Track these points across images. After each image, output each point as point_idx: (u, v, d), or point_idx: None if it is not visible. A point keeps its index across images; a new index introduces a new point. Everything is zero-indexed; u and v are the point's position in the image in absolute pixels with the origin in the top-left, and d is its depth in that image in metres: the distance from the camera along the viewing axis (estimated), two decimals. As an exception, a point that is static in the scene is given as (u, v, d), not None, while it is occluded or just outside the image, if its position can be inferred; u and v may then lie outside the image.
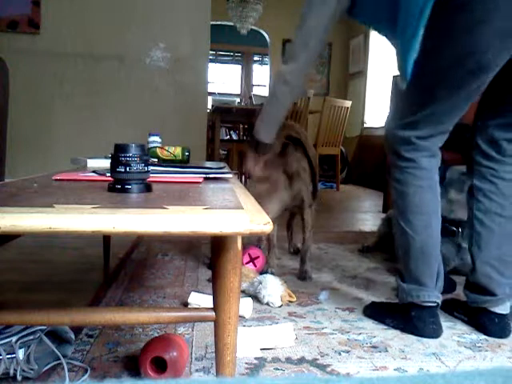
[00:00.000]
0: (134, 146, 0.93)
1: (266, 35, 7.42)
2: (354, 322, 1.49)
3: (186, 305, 1.52)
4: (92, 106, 3.63)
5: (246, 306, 1.48)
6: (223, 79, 8.65)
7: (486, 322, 1.42)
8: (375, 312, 1.53)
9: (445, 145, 1.38)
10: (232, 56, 8.90)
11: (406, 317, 1.41)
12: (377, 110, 6.20)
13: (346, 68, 7.34)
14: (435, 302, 1.39)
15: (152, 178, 1.01)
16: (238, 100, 7.30)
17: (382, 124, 5.64)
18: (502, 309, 1.42)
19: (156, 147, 1.80)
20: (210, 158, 4.52)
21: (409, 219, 1.37)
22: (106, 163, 1.41)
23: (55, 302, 1.57)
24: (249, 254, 1.98)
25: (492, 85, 1.28)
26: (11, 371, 1.02)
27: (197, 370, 1.13)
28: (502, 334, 1.40)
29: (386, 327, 1.45)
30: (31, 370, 1.03)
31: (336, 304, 1.65)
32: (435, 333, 1.38)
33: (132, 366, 1.13)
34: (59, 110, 3.60)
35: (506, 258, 1.42)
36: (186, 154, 1.75)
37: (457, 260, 2.00)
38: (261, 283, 1.63)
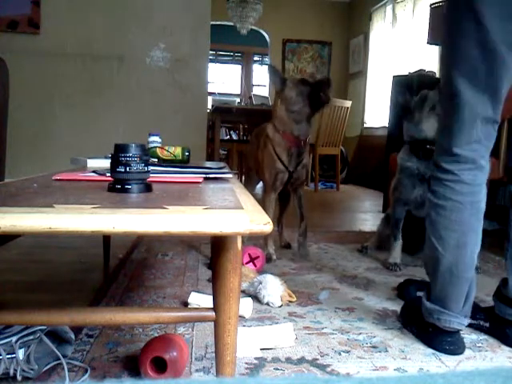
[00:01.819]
0: (134, 145, 0.93)
1: (265, 35, 7.42)
2: (354, 322, 1.49)
3: (186, 305, 1.52)
4: (92, 106, 3.63)
5: (246, 305, 1.48)
6: (223, 79, 8.66)
7: (510, 335, 1.35)
8: (404, 317, 1.48)
9: None
10: (232, 56, 8.90)
11: (425, 330, 1.35)
12: (377, 110, 6.20)
13: (346, 68, 7.35)
14: (456, 329, 1.30)
15: (152, 177, 1.01)
16: (238, 100, 7.30)
17: (382, 124, 5.60)
18: None
19: (156, 147, 1.80)
20: (210, 158, 4.52)
21: (441, 235, 1.27)
22: (106, 163, 1.41)
23: (55, 301, 1.57)
24: (249, 254, 1.98)
25: None
26: (11, 371, 1.02)
27: (197, 370, 1.13)
28: None
29: (386, 327, 1.45)
30: (31, 369, 1.03)
31: (336, 304, 1.65)
32: (453, 352, 1.29)
33: (132, 366, 1.13)
34: (59, 109, 3.60)
35: None
36: (186, 154, 1.75)
37: (417, 191, 2.01)
38: (261, 283, 1.63)
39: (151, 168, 0.98)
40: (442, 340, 1.30)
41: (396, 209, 2.14)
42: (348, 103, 5.45)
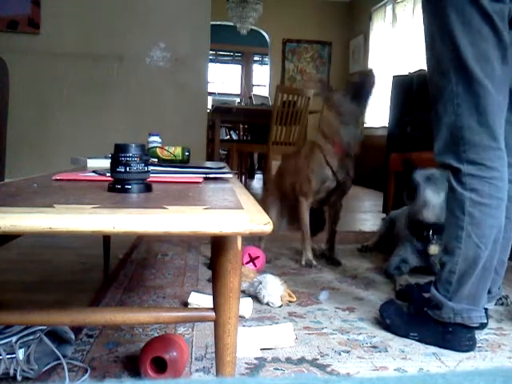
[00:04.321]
0: (134, 146, 0.93)
1: (266, 35, 7.42)
2: (354, 321, 1.49)
3: (186, 305, 1.52)
4: (92, 106, 3.63)
5: (246, 305, 1.48)
6: (223, 79, 8.66)
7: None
8: (398, 323, 1.42)
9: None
10: (232, 56, 8.91)
11: (439, 332, 1.33)
12: (377, 110, 6.20)
13: (346, 68, 7.34)
14: (483, 323, 1.34)
15: (152, 177, 1.01)
16: (238, 100, 7.30)
17: (382, 124, 5.58)
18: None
19: (156, 147, 1.80)
20: (209, 157, 4.52)
21: (484, 233, 1.27)
22: (106, 163, 1.41)
23: (55, 301, 1.57)
24: (249, 254, 1.98)
25: None
26: (11, 371, 1.02)
27: (197, 370, 1.13)
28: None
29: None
30: (31, 369, 1.03)
31: (336, 304, 1.65)
32: (469, 348, 1.32)
33: (132, 366, 1.13)
34: (59, 109, 3.60)
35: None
36: (186, 154, 1.75)
37: (416, 261, 2.00)
38: (261, 283, 1.63)
39: (151, 168, 0.98)
40: (463, 339, 1.31)
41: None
42: (348, 103, 5.44)
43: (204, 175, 1.26)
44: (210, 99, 5.21)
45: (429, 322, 1.35)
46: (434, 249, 1.92)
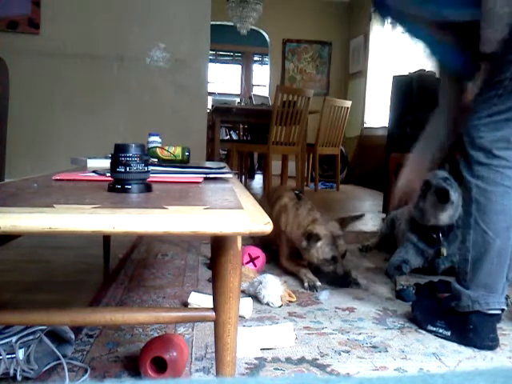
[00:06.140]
0: (134, 146, 0.93)
1: (265, 35, 7.42)
2: (354, 321, 1.49)
3: (186, 305, 1.52)
4: (92, 106, 3.63)
5: (246, 305, 1.48)
6: (223, 79, 8.66)
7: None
8: (426, 310, 1.46)
9: None
10: (232, 56, 8.91)
11: (463, 327, 1.35)
12: (377, 110, 6.20)
13: (346, 68, 7.35)
14: (501, 309, 1.34)
15: (152, 177, 1.01)
16: (238, 100, 7.30)
17: (382, 124, 5.57)
18: None
19: (156, 147, 1.80)
20: (209, 157, 4.52)
21: (491, 220, 1.30)
22: (106, 163, 1.41)
23: (55, 302, 1.57)
24: (249, 254, 1.98)
25: None
26: (11, 371, 1.02)
27: (197, 370, 1.13)
28: None
29: (386, 327, 1.45)
30: (31, 369, 1.03)
31: (336, 304, 1.65)
32: (493, 345, 1.32)
33: (132, 366, 1.13)
34: (59, 109, 3.60)
35: None
36: (186, 154, 1.75)
37: (418, 262, 2.00)
38: (261, 283, 1.63)
39: (151, 168, 0.98)
40: (485, 333, 1.31)
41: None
42: (348, 103, 5.45)
43: (204, 175, 1.26)
44: (210, 99, 5.22)
45: (453, 316, 1.37)
46: (443, 251, 1.93)
